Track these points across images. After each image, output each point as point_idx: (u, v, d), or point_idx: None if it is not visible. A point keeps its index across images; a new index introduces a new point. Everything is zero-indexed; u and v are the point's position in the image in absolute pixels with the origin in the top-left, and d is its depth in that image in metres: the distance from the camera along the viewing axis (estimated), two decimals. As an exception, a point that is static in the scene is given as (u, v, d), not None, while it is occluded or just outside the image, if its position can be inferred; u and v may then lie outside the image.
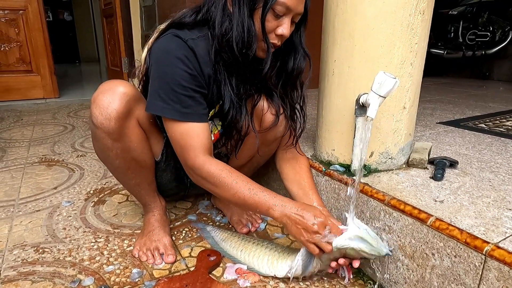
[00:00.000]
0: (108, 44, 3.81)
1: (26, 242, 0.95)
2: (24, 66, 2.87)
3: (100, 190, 1.29)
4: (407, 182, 0.85)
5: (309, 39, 0.87)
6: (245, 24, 0.73)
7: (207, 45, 0.78)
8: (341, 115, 0.92)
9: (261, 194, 0.76)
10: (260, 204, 0.75)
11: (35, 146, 1.79)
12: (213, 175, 0.76)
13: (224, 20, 0.75)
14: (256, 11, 0.73)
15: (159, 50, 0.77)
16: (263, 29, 0.73)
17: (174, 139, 0.79)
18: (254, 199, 0.75)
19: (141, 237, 0.94)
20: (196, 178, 0.80)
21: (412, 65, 0.85)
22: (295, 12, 0.74)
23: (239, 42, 0.74)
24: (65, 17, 7.00)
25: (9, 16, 2.73)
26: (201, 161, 0.77)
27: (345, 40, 0.86)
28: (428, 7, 0.83)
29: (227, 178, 0.76)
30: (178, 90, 0.74)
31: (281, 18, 0.74)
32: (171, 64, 0.74)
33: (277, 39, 0.77)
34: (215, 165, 0.77)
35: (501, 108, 1.90)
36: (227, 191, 0.76)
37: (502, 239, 0.60)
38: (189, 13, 0.81)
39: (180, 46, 0.74)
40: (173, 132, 0.78)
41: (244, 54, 0.75)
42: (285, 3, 0.71)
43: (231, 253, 0.90)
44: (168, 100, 0.74)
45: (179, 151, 0.79)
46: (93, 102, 0.77)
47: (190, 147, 0.77)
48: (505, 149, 1.13)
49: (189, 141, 0.77)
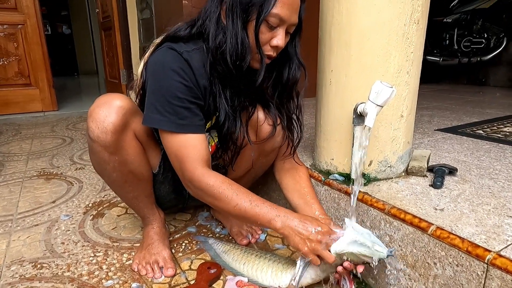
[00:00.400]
0: (106, 57, 3.83)
1: (24, 257, 0.94)
2: (23, 80, 2.88)
3: (98, 203, 1.28)
4: (407, 191, 0.85)
5: (306, 49, 0.88)
6: (239, 37, 0.73)
7: (202, 57, 0.78)
8: (339, 124, 0.92)
9: (262, 205, 0.75)
10: (262, 215, 0.74)
11: (33, 159, 1.79)
12: (212, 188, 0.76)
13: (218, 33, 0.76)
14: (249, 23, 0.73)
15: (154, 64, 0.77)
16: (257, 41, 0.74)
17: (171, 152, 0.78)
18: (255, 211, 0.74)
19: (140, 250, 0.93)
20: (195, 191, 0.79)
21: (409, 74, 0.86)
22: (289, 23, 0.75)
23: (233, 54, 0.74)
24: (63, 31, 7.07)
25: (8, 31, 2.75)
26: (200, 173, 0.76)
27: (342, 50, 0.86)
28: (423, 16, 0.84)
29: (227, 190, 0.75)
30: (174, 102, 0.74)
31: (275, 30, 0.75)
32: (166, 77, 0.74)
33: (272, 50, 0.77)
34: (214, 177, 0.77)
35: (498, 114, 1.91)
36: (228, 204, 0.75)
37: (503, 247, 0.60)
38: (184, 26, 0.82)
39: (175, 59, 0.75)
40: (170, 144, 0.78)
41: (238, 66, 0.76)
42: (278, 15, 0.72)
43: (234, 266, 0.89)
44: (164, 112, 0.74)
45: (177, 163, 0.79)
46: (90, 116, 0.77)
47: (187, 159, 0.76)
48: (504, 155, 1.13)
49: (187, 152, 0.76)
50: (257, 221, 0.75)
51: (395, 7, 0.80)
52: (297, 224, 0.73)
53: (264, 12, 0.71)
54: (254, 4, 0.71)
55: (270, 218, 0.74)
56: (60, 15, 6.91)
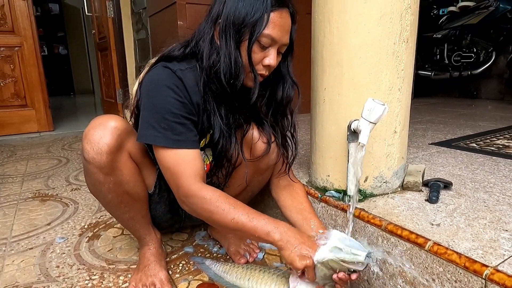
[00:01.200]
0: (102, 76, 3.87)
1: (18, 282, 0.92)
2: (19, 101, 2.89)
3: (94, 224, 1.27)
4: (403, 206, 0.85)
5: (299, 67, 0.90)
6: (232, 56, 0.75)
7: (195, 76, 0.80)
8: (334, 141, 0.93)
9: (259, 218, 0.74)
10: (259, 228, 0.73)
11: (28, 181, 1.78)
12: (209, 202, 0.74)
13: (212, 52, 0.78)
14: (242, 43, 0.76)
15: (149, 82, 0.79)
16: (249, 60, 0.76)
17: (166, 168, 0.77)
18: (253, 224, 0.73)
19: (136, 272, 0.92)
20: (191, 206, 0.77)
21: (400, 91, 0.88)
22: (280, 43, 0.77)
23: (226, 73, 0.76)
24: (60, 51, 7.14)
25: (5, 53, 2.78)
26: (196, 188, 0.75)
27: (334, 69, 0.88)
28: (412, 35, 0.87)
29: (224, 204, 0.74)
30: (169, 118, 0.75)
31: (267, 49, 0.77)
32: (161, 94, 0.75)
33: (264, 69, 0.80)
34: (210, 191, 0.76)
35: (491, 127, 1.93)
36: (225, 217, 0.74)
37: (500, 262, 0.60)
38: (178, 47, 0.84)
39: (169, 76, 0.76)
40: (164, 160, 0.77)
41: (232, 85, 0.78)
42: (270, 35, 0.74)
43: (238, 283, 0.87)
44: (159, 128, 0.75)
45: (171, 180, 0.77)
46: (85, 138, 0.78)
47: (183, 174, 0.75)
48: (497, 168, 1.14)
49: (182, 168, 0.76)
50: (255, 234, 0.74)
51: (384, 27, 0.82)
52: (294, 238, 0.73)
53: (256, 33, 0.74)
54: (247, 25, 0.74)
55: (268, 230, 0.73)
56: (56, 36, 6.99)
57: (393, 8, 0.82)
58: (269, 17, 0.74)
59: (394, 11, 0.82)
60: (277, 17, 0.75)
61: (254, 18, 0.73)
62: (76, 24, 6.86)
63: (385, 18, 0.82)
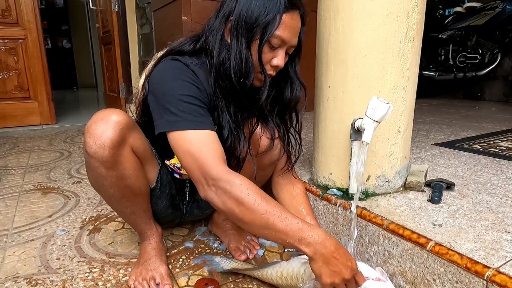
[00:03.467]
0: (106, 71, 3.86)
1: (19, 273, 0.93)
2: (22, 93, 2.89)
3: (95, 217, 1.27)
4: (405, 206, 0.85)
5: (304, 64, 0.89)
6: (243, 55, 0.75)
7: (205, 72, 0.80)
8: (337, 140, 0.92)
9: (293, 219, 0.64)
10: (292, 232, 0.63)
11: (30, 173, 1.78)
12: (239, 188, 0.65)
13: (222, 50, 0.78)
14: (253, 42, 0.76)
15: (162, 71, 0.77)
16: (260, 60, 0.76)
17: (187, 153, 0.71)
18: (286, 224, 0.63)
19: (137, 266, 0.92)
20: (217, 192, 0.67)
21: (405, 90, 0.87)
22: (289, 45, 0.78)
23: (237, 72, 0.76)
24: (64, 45, 7.14)
25: (9, 45, 2.78)
26: (224, 170, 0.68)
27: (339, 66, 0.88)
28: (418, 34, 0.86)
29: (255, 194, 0.65)
30: (188, 100, 0.72)
31: (276, 50, 0.77)
32: (177, 79, 0.74)
33: (272, 69, 0.80)
34: (241, 177, 0.67)
35: (494, 129, 1.92)
36: (255, 210, 0.64)
37: (502, 263, 0.60)
38: (188, 42, 0.83)
39: (182, 67, 0.76)
40: (185, 145, 0.71)
41: (242, 83, 0.77)
42: (280, 36, 0.75)
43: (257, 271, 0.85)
44: (178, 113, 0.72)
45: (195, 165, 0.70)
46: (87, 132, 0.77)
47: (208, 156, 0.69)
48: (500, 170, 1.14)
49: (206, 150, 0.70)
50: (286, 237, 0.64)
51: (390, 25, 0.82)
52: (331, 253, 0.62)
53: (268, 33, 0.73)
54: (259, 25, 0.74)
55: (301, 236, 0.63)
56: (60, 29, 6.99)
57: (400, 6, 0.81)
58: (282, 18, 0.73)
59: (400, 9, 0.81)
60: (289, 19, 0.75)
61: (266, 18, 0.73)
62: (80, 17, 6.85)
63: (392, 16, 0.81)
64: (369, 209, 0.83)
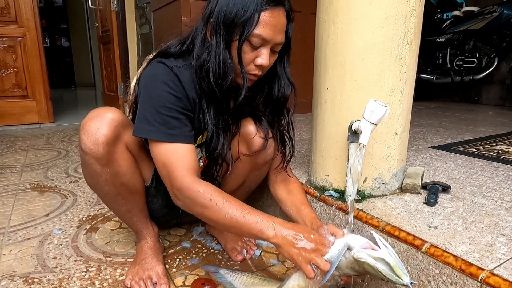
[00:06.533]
0: (104, 70, 3.86)
1: (15, 272, 0.93)
2: (20, 92, 2.89)
3: (93, 216, 1.27)
4: (401, 208, 0.86)
5: (301, 66, 0.90)
6: (221, 56, 0.75)
7: (191, 73, 0.80)
8: (335, 141, 0.93)
9: (254, 214, 0.71)
10: (254, 225, 0.70)
11: (27, 172, 1.78)
12: (202, 196, 0.72)
13: (203, 51, 0.78)
14: (233, 43, 0.76)
15: (146, 77, 0.79)
16: (239, 60, 0.76)
17: (159, 162, 0.77)
18: (247, 220, 0.70)
19: (133, 265, 0.92)
20: (184, 200, 0.75)
21: (402, 93, 0.88)
22: (273, 43, 0.77)
23: (215, 73, 0.77)
24: (62, 43, 7.12)
25: (7, 43, 2.77)
26: (189, 181, 0.74)
27: (337, 69, 0.88)
28: (415, 37, 0.87)
29: (218, 198, 0.72)
30: (163, 112, 0.75)
31: (259, 49, 0.77)
32: (156, 88, 0.76)
33: (257, 69, 0.79)
34: (204, 185, 0.74)
35: (491, 132, 1.94)
36: (218, 213, 0.71)
37: (496, 265, 0.60)
38: (175, 43, 0.84)
39: (165, 72, 0.77)
40: (158, 154, 0.76)
41: (220, 85, 0.78)
42: (260, 35, 0.74)
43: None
44: (153, 122, 0.75)
45: (165, 173, 0.76)
46: (82, 129, 0.78)
47: (176, 168, 0.74)
48: (496, 173, 1.14)
49: (175, 161, 0.75)
50: (249, 231, 0.71)
51: (388, 29, 0.82)
52: (290, 233, 0.69)
53: (245, 33, 0.73)
54: (236, 25, 0.73)
55: (262, 227, 0.70)
56: (59, 28, 6.97)
57: (398, 10, 0.82)
58: (260, 16, 0.72)
59: (399, 13, 0.82)
60: (269, 16, 0.73)
61: (244, 17, 0.72)
62: (79, 16, 6.84)
63: (390, 20, 0.82)
64: (365, 211, 0.84)
